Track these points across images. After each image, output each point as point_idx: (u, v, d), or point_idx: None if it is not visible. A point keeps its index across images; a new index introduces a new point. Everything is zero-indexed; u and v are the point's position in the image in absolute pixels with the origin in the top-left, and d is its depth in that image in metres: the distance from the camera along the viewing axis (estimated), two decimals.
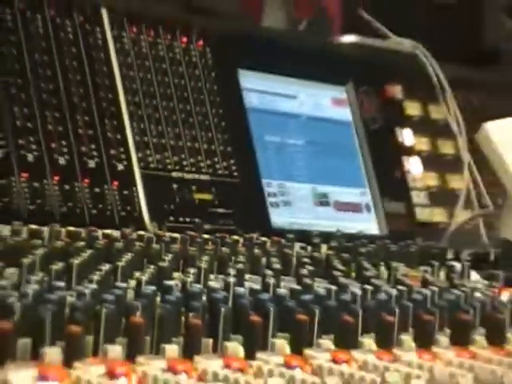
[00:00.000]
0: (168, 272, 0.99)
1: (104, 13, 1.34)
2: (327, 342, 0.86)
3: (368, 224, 1.51)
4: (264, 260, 1.14)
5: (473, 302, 1.07)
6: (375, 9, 1.77)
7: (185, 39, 1.41)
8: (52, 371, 0.68)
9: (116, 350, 0.75)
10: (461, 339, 0.93)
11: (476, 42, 1.91)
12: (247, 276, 1.03)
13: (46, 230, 1.11)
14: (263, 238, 1.26)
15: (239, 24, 1.55)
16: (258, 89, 1.46)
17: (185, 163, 1.35)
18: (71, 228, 1.13)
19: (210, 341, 0.81)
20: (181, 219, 1.32)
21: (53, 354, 0.72)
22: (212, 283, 0.97)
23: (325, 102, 1.54)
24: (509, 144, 1.59)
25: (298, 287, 1.00)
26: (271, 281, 1.00)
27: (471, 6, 1.91)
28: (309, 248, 1.27)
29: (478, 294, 1.15)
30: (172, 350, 0.78)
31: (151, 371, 0.71)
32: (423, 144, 1.66)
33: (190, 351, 0.77)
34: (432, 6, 1.87)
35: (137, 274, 0.95)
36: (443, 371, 0.80)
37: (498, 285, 1.29)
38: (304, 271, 1.11)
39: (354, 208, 1.50)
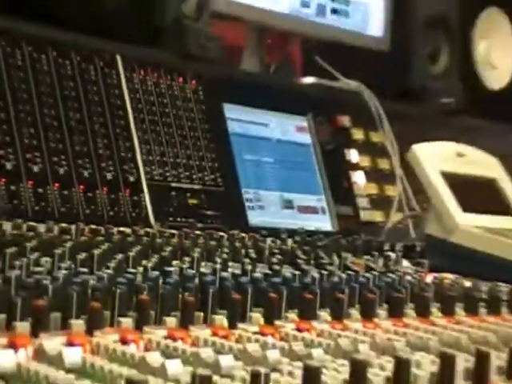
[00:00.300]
0: (168, 260, 0.99)
1: (119, 59, 1.33)
2: (292, 315, 0.86)
3: (323, 223, 1.50)
4: (243, 251, 1.13)
5: (404, 283, 1.07)
6: (329, 56, 1.77)
7: (181, 79, 1.40)
8: (77, 338, 0.67)
9: (127, 322, 0.74)
10: (396, 312, 0.93)
11: (406, 83, 1.91)
12: (230, 263, 1.02)
13: (73, 227, 1.10)
14: (242, 234, 1.25)
15: (224, 68, 1.55)
16: (239, 118, 1.46)
17: (181, 176, 1.35)
18: (93, 226, 1.13)
19: (201, 314, 0.80)
20: (178, 219, 1.31)
21: (78, 325, 0.72)
22: (203, 269, 0.97)
23: (290, 128, 1.54)
24: (431, 162, 1.60)
25: (270, 272, 0.99)
26: (249, 267, 1.00)
27: (403, 54, 1.91)
28: (278, 242, 1.26)
29: (408, 277, 1.15)
30: (171, 321, 0.77)
31: (155, 338, 0.70)
32: (366, 161, 1.66)
33: (185, 322, 0.76)
34: (373, 53, 1.88)
35: (144, 262, 0.95)
36: (383, 337, 0.80)
37: (424, 270, 1.29)
38: (274, 260, 1.11)
39: (313, 210, 1.50)
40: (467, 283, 1.19)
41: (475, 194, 1.61)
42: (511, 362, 0.76)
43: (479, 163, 1.70)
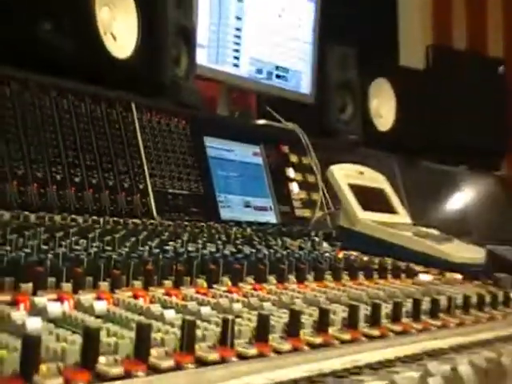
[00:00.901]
0: (166, 242, 0.98)
1: (133, 106, 1.32)
2: (250, 279, 0.85)
3: (271, 217, 1.50)
4: (217, 236, 1.12)
5: (325, 258, 1.07)
6: (275, 106, 1.78)
7: (176, 120, 1.39)
8: (104, 295, 0.66)
9: (138, 284, 0.74)
10: (319, 277, 0.93)
11: (325, 125, 1.92)
12: (208, 244, 1.01)
13: (101, 219, 1.09)
14: (216, 225, 1.25)
15: (204, 112, 1.55)
16: (214, 146, 1.45)
17: (175, 185, 1.34)
18: (115, 218, 1.12)
19: (189, 278, 0.80)
20: (172, 214, 1.30)
21: (104, 285, 0.70)
22: (190, 248, 0.96)
23: (249, 154, 1.53)
24: (342, 177, 1.61)
25: (235, 250, 0.99)
26: (221, 247, 0.99)
27: (323, 106, 1.92)
28: (240, 230, 1.26)
29: (327, 254, 1.15)
30: (168, 283, 0.76)
31: (157, 295, 0.69)
32: (299, 176, 1.65)
33: (177, 284, 0.76)
34: (303, 105, 1.89)
35: (149, 243, 0.94)
36: (311, 294, 0.79)
37: (337, 249, 1.29)
38: (238, 242, 1.10)
39: (264, 209, 1.50)
40: (365, 258, 1.19)
41: (370, 198, 1.63)
42: (395, 309, 0.77)
43: (372, 178, 1.72)
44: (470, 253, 1.41)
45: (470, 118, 2.30)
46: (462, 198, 2.27)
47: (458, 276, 1.19)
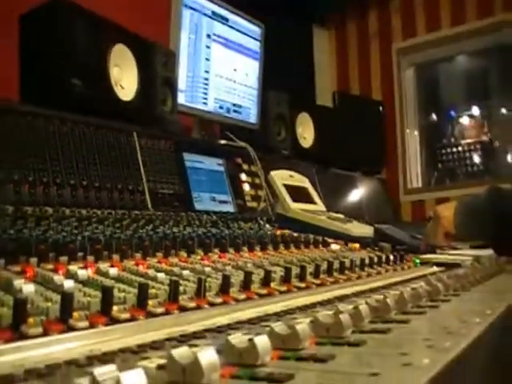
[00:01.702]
0: (158, 226, 0.97)
1: (134, 133, 1.29)
2: (216, 250, 0.85)
3: (230, 208, 1.49)
4: (192, 221, 1.12)
5: (267, 235, 1.07)
6: (232, 130, 1.77)
7: (163, 142, 1.37)
8: (115, 263, 0.65)
9: (138, 255, 0.72)
10: (264, 248, 0.93)
11: (268, 144, 1.91)
12: (187, 227, 1.00)
13: (113, 211, 1.07)
14: (192, 214, 1.24)
15: (183, 136, 1.53)
16: (190, 159, 1.43)
17: (164, 187, 1.31)
18: (122, 210, 1.09)
19: (174, 251, 0.79)
20: (162, 207, 1.27)
21: (116, 257, 0.69)
22: (174, 230, 0.95)
23: (214, 164, 1.52)
24: (278, 179, 1.61)
25: (205, 231, 0.98)
26: (196, 229, 0.98)
27: (265, 131, 1.92)
28: (209, 217, 1.25)
29: (269, 232, 1.15)
30: (159, 255, 0.76)
31: (151, 263, 0.68)
32: (249, 179, 1.64)
33: (166, 255, 0.75)
34: (252, 130, 1.88)
35: (146, 227, 0.92)
36: (259, 260, 0.79)
37: (275, 228, 1.30)
38: (207, 225, 1.09)
39: (225, 202, 1.49)
40: (295, 234, 1.21)
41: (298, 194, 1.64)
42: (316, 268, 0.77)
43: (299, 180, 1.74)
44: (363, 229, 1.44)
45: (361, 140, 2.41)
46: (357, 194, 2.32)
47: (357, 245, 1.22)
